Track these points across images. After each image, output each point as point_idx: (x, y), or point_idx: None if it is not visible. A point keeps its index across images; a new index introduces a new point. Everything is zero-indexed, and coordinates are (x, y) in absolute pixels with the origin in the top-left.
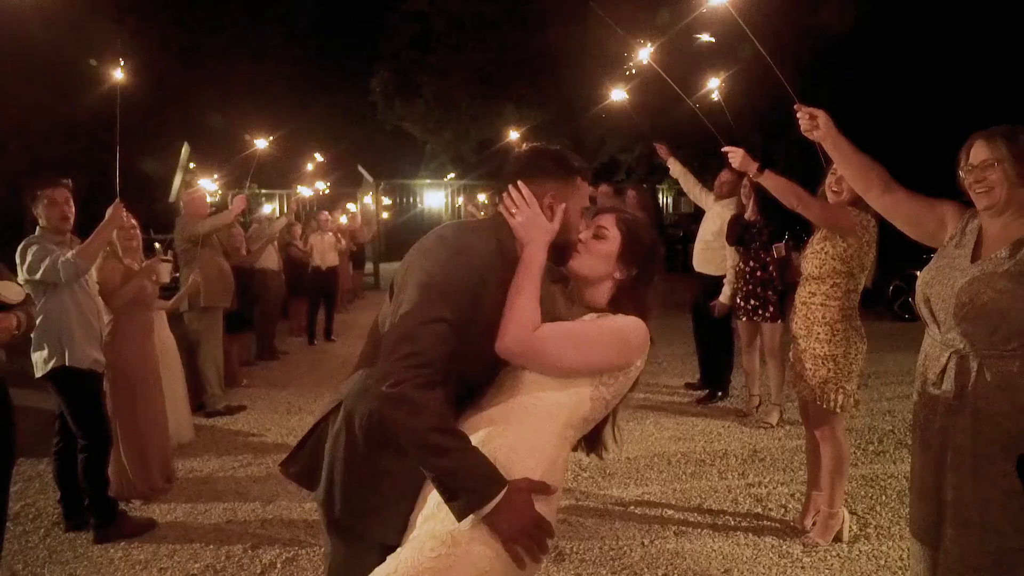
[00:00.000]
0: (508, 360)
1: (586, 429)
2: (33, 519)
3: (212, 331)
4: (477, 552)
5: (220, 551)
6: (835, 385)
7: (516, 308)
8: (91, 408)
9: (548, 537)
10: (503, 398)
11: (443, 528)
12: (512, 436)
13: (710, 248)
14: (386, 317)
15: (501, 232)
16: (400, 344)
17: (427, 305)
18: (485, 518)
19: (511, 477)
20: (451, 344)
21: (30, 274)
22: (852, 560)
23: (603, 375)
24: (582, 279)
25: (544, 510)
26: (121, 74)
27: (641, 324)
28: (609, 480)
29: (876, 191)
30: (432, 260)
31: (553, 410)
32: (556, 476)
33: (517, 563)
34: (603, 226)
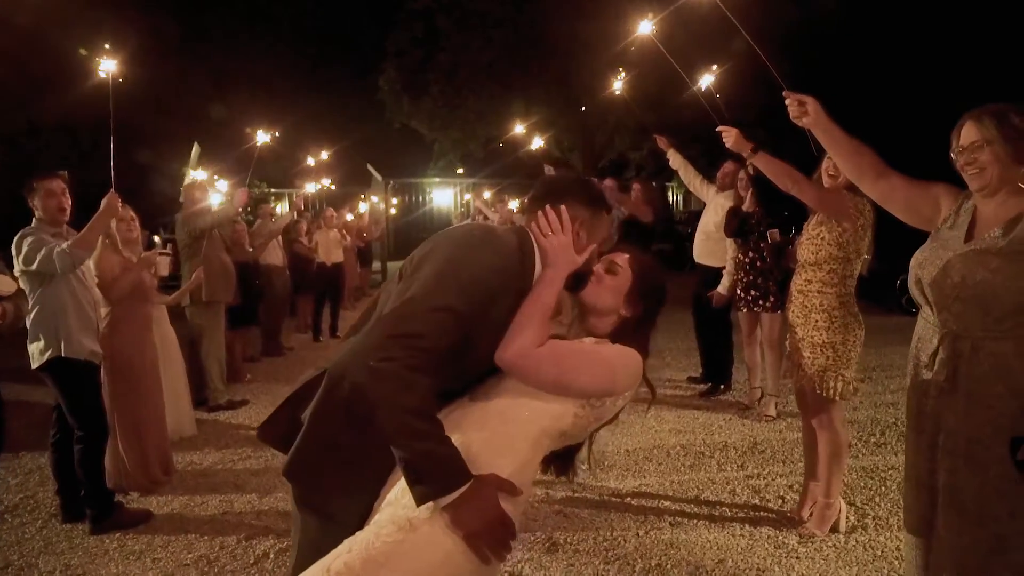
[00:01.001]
0: (504, 370)
1: (561, 443)
2: (31, 511)
3: (214, 326)
4: (434, 541)
5: (214, 542)
6: (834, 373)
7: (524, 324)
8: (88, 399)
9: (510, 537)
10: (486, 397)
11: (403, 514)
12: (488, 434)
13: (711, 239)
14: (390, 295)
15: (525, 246)
16: (402, 323)
17: (440, 293)
18: (448, 509)
19: (480, 472)
20: (452, 338)
21: (26, 265)
22: (848, 550)
23: (592, 398)
24: (589, 308)
25: (509, 510)
26: (115, 65)
27: (637, 357)
28: (607, 472)
29: (869, 178)
30: (456, 251)
31: (533, 416)
32: (525, 479)
33: (479, 558)
34: (617, 263)
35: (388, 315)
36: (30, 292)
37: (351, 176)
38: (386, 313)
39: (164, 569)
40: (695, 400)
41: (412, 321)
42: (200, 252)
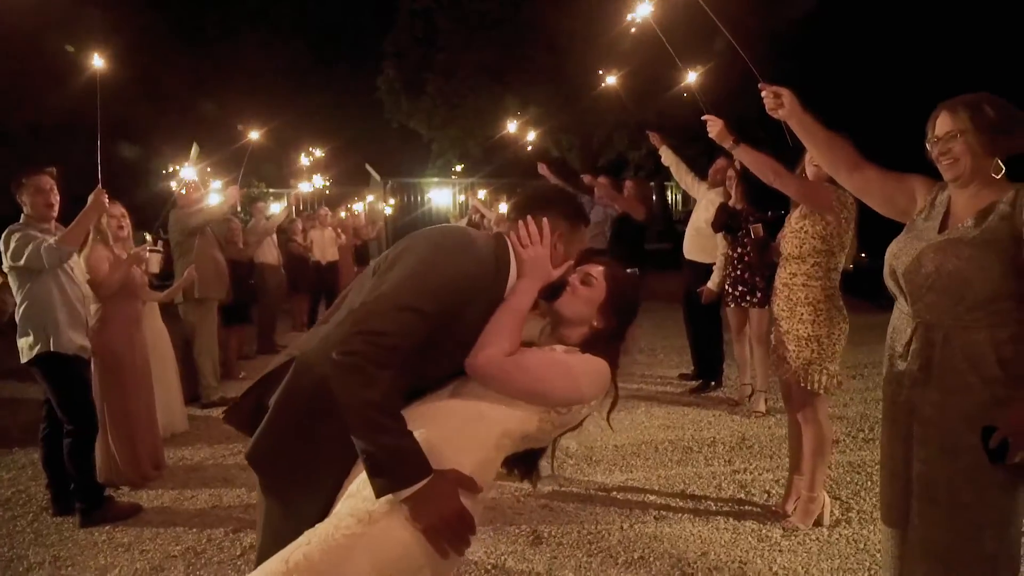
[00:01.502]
0: (473, 376)
1: (524, 446)
2: (23, 504)
3: (206, 323)
4: (393, 534)
5: (202, 534)
6: (819, 366)
7: (496, 332)
8: (76, 394)
9: (469, 532)
10: (452, 396)
11: (363, 507)
12: (452, 431)
13: (702, 236)
14: (363, 288)
15: (501, 253)
16: (369, 319)
17: (409, 292)
18: (407, 502)
19: (442, 468)
20: (418, 337)
21: (14, 260)
22: (831, 544)
23: (558, 406)
24: (562, 318)
25: (469, 505)
26: (102, 62)
27: (604, 366)
28: (594, 467)
29: (845, 169)
30: (430, 253)
31: (498, 417)
32: (485, 477)
33: (437, 552)
34: (592, 275)
35: (357, 310)
36: (19, 288)
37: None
38: (356, 308)
39: (152, 561)
40: (685, 396)
41: (379, 318)
42: (192, 250)
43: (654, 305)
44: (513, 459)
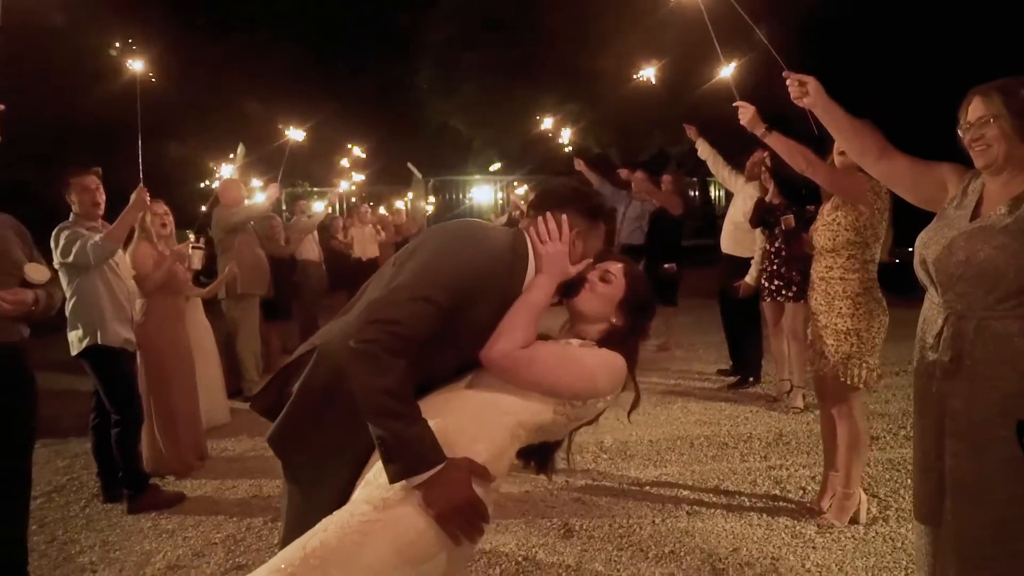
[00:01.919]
0: (487, 368)
1: (539, 437)
2: (76, 491)
3: (248, 318)
4: (407, 520)
5: (242, 523)
6: (858, 360)
7: (512, 326)
8: (123, 385)
9: (481, 519)
10: (468, 387)
11: (378, 494)
12: (466, 421)
13: (739, 230)
14: (383, 280)
15: (518, 248)
16: (384, 309)
17: (423, 284)
18: (420, 488)
19: (455, 456)
20: (431, 328)
21: (63, 257)
22: (867, 542)
23: (572, 398)
24: (581, 315)
25: (481, 494)
26: (142, 64)
27: (620, 362)
28: (628, 462)
29: (872, 157)
30: (445, 245)
31: (513, 408)
32: (499, 467)
33: (451, 539)
34: (611, 272)
35: (374, 300)
36: (68, 283)
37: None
38: (373, 298)
39: (193, 547)
40: (723, 392)
41: (393, 308)
42: (234, 247)
43: (693, 301)
44: (529, 451)
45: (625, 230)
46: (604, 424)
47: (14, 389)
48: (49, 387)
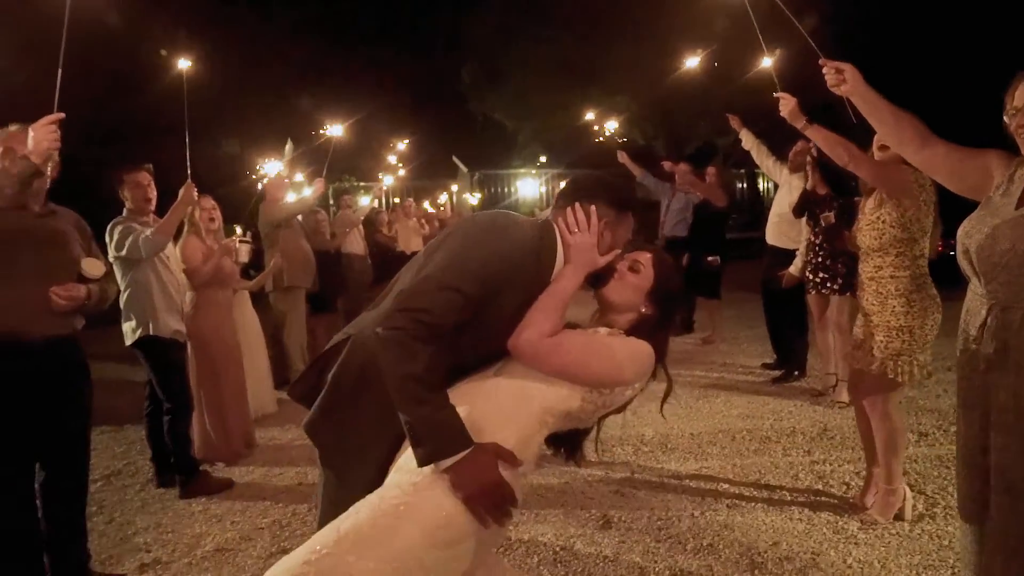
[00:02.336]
0: (515, 356)
1: (568, 424)
2: (131, 476)
3: (295, 310)
4: (435, 503)
5: (287, 509)
6: (908, 357)
7: (540, 315)
8: (173, 375)
9: (510, 504)
10: (497, 374)
11: (408, 478)
12: (494, 407)
13: (783, 221)
14: (413, 271)
15: (546, 239)
16: (413, 298)
17: (452, 273)
18: (448, 472)
19: (482, 441)
20: (459, 317)
21: (117, 251)
22: (912, 539)
23: (599, 386)
24: (610, 304)
25: (509, 478)
26: (187, 63)
27: (648, 350)
28: (669, 455)
29: (913, 146)
30: (474, 236)
31: (540, 395)
32: (527, 453)
33: (479, 522)
34: (640, 261)
35: (404, 291)
36: (122, 276)
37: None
38: (403, 288)
39: (241, 531)
40: (766, 386)
41: (421, 296)
42: (279, 241)
43: (738, 294)
44: (559, 438)
45: (669, 223)
46: (645, 417)
47: (70, 377)
48: (107, 377)
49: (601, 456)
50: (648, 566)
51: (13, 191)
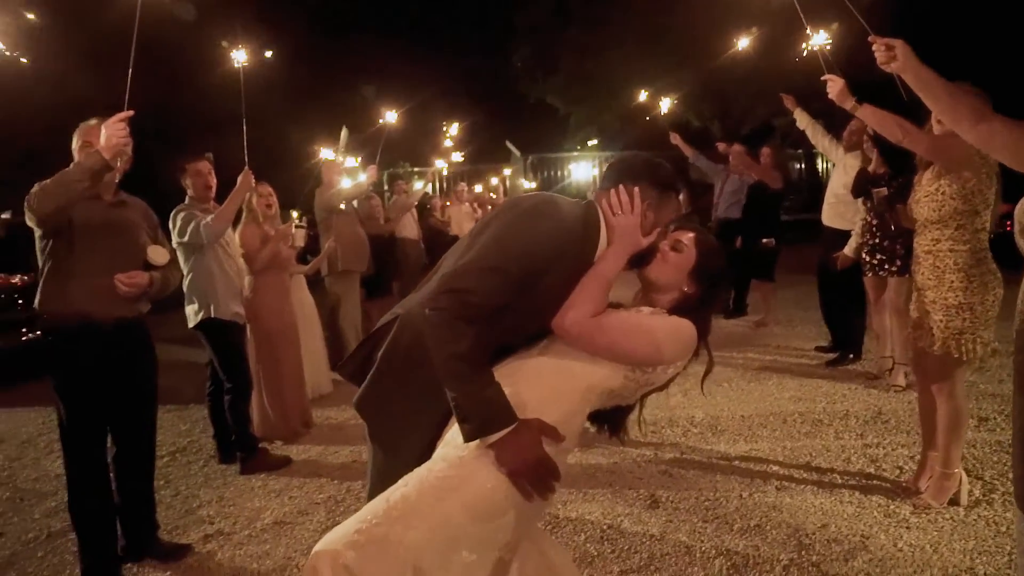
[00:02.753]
0: (559, 336)
1: (610, 401)
2: (195, 452)
3: (350, 294)
4: (480, 477)
5: (343, 485)
6: (971, 335)
7: (583, 296)
8: (233, 356)
9: (553, 479)
10: (541, 353)
11: (454, 452)
12: (539, 384)
13: (840, 202)
14: (458, 252)
15: (590, 220)
16: (458, 279)
17: (496, 255)
18: (493, 447)
19: (527, 417)
20: (502, 297)
21: (180, 237)
22: (967, 524)
23: (641, 364)
24: (652, 284)
25: (552, 453)
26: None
27: (689, 329)
28: (718, 436)
29: (968, 122)
30: (518, 219)
31: (583, 372)
32: (571, 429)
33: (522, 495)
34: (682, 241)
35: (450, 272)
36: (184, 261)
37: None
38: (449, 270)
39: (298, 506)
40: (820, 369)
41: (466, 277)
42: (335, 226)
43: (794, 277)
44: (602, 416)
45: (722, 205)
46: (695, 399)
47: (137, 357)
48: (172, 359)
49: (649, 437)
50: (694, 545)
51: (85, 184)
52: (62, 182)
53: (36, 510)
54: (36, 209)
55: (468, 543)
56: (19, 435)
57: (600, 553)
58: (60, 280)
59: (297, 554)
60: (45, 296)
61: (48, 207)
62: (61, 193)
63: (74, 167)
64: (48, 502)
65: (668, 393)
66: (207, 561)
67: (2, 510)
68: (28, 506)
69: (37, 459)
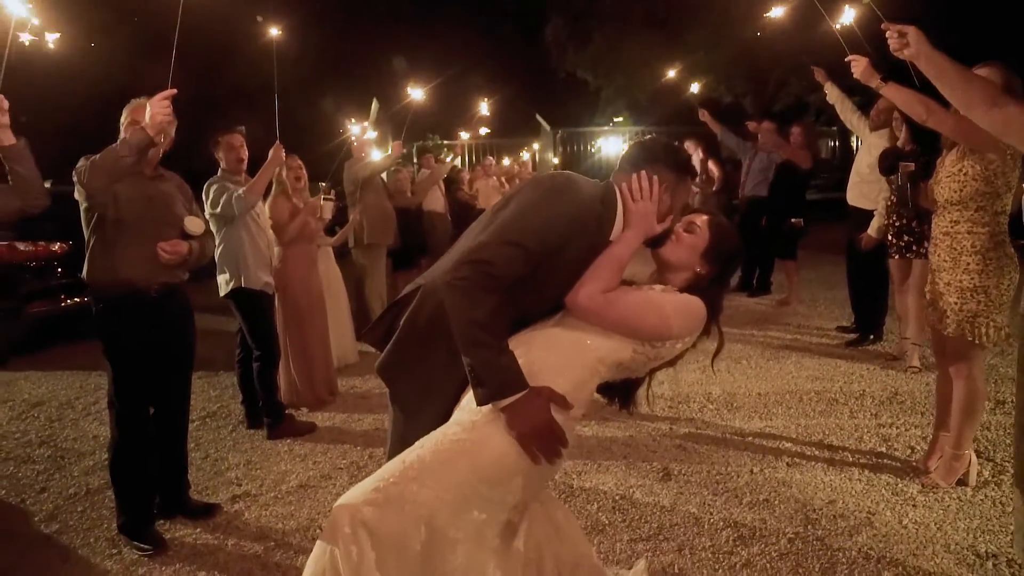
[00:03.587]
0: (572, 311)
1: (620, 374)
2: (225, 417)
3: (376, 266)
4: (493, 440)
5: (365, 452)
6: (985, 319)
7: (596, 274)
8: (263, 324)
9: (560, 443)
10: (554, 325)
11: (468, 417)
12: (551, 354)
13: (865, 181)
14: (481, 226)
15: (607, 201)
16: (480, 251)
17: (515, 230)
18: (504, 412)
19: (537, 385)
20: (520, 270)
21: (212, 208)
22: (973, 504)
23: (650, 339)
24: (666, 264)
25: (561, 421)
26: (277, 31)
27: (699, 306)
28: (734, 413)
29: (981, 108)
30: (538, 195)
31: (594, 345)
32: (579, 398)
33: (530, 458)
34: (696, 223)
35: (472, 244)
36: (216, 232)
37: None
38: (470, 242)
39: (322, 470)
40: (840, 349)
41: (487, 250)
42: (363, 199)
43: (820, 257)
44: (612, 388)
45: (750, 182)
46: (714, 375)
47: (179, 321)
48: (203, 327)
49: (666, 412)
50: (703, 517)
51: (132, 160)
52: (110, 158)
53: (76, 468)
54: (86, 183)
55: (479, 503)
56: (58, 397)
57: (611, 522)
58: (107, 251)
59: (320, 516)
60: (92, 267)
61: (98, 181)
62: (110, 168)
63: (121, 144)
64: (87, 461)
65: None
66: (235, 520)
67: (45, 467)
68: (68, 464)
69: (76, 420)
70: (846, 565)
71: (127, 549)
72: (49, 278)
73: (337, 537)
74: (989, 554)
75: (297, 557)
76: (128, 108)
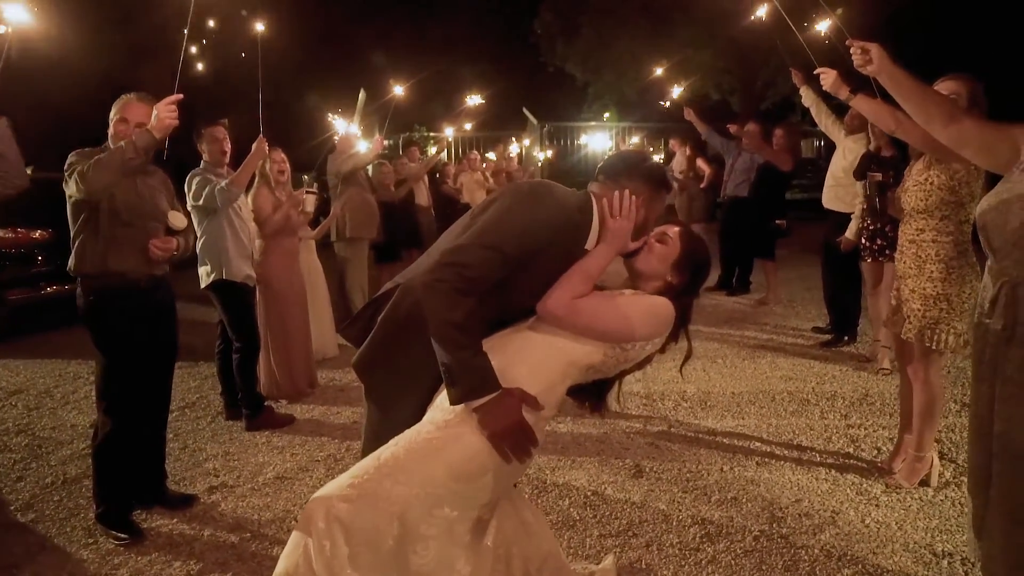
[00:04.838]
0: (544, 317)
1: (591, 376)
2: (204, 408)
3: (357, 259)
4: (463, 439)
5: (343, 444)
6: (946, 325)
7: (567, 283)
8: (243, 316)
9: (530, 443)
10: (527, 329)
11: (441, 416)
12: (522, 356)
13: (840, 185)
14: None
15: (585, 211)
16: (457, 253)
17: (493, 234)
18: (477, 412)
19: (510, 386)
20: (497, 274)
21: (195, 200)
22: (934, 504)
23: (617, 342)
24: (638, 273)
25: (531, 421)
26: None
27: (665, 309)
28: (707, 412)
29: (939, 123)
30: (518, 202)
31: (565, 348)
32: (550, 400)
33: (501, 457)
34: (668, 234)
35: (451, 247)
36: (198, 224)
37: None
38: (449, 244)
39: (300, 462)
40: (814, 350)
41: (465, 253)
42: (346, 192)
43: (802, 257)
44: (583, 390)
45: (732, 182)
46: (689, 375)
47: (164, 312)
48: (183, 317)
49: (640, 410)
50: (672, 514)
51: (139, 160)
52: (118, 159)
53: (53, 457)
54: (92, 181)
55: (450, 500)
56: (37, 386)
57: (582, 518)
58: (97, 243)
59: (296, 508)
60: (81, 259)
61: (105, 180)
62: (117, 169)
63: (127, 144)
64: (64, 450)
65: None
66: (211, 511)
67: (22, 456)
68: (46, 453)
69: (54, 409)
70: (808, 563)
71: (103, 538)
72: (29, 265)
73: (311, 530)
74: (945, 553)
75: (273, 548)
76: (117, 104)
